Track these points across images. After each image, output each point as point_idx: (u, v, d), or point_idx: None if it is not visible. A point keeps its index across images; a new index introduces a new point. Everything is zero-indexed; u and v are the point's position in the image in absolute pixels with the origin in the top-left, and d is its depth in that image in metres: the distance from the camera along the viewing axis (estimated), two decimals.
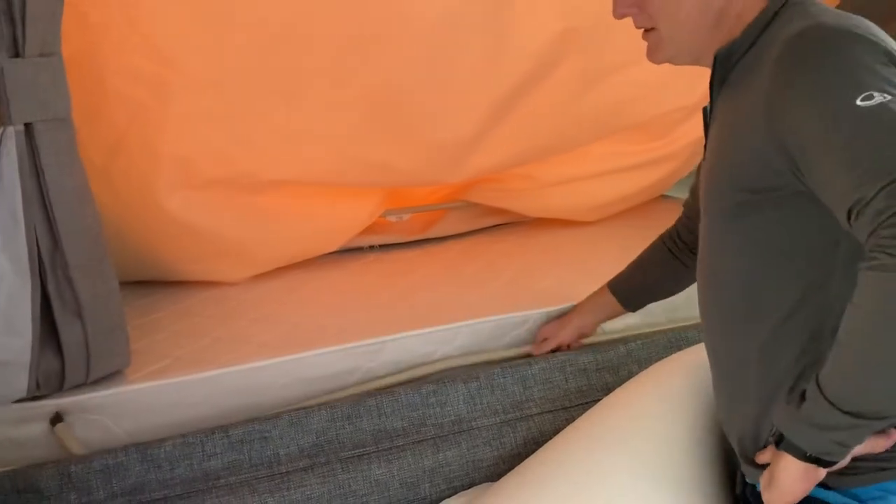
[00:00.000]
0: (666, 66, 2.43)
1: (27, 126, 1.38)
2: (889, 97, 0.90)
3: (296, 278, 2.32)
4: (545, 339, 1.78)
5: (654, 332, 1.85)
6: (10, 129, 1.35)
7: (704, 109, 1.22)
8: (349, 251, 2.55)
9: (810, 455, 0.98)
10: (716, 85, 1.15)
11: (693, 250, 1.43)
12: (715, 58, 1.13)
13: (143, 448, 1.47)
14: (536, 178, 2.51)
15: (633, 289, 1.67)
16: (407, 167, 2.22)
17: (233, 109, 1.94)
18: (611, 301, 1.68)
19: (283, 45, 1.87)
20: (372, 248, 2.61)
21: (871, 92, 0.90)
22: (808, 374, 1.02)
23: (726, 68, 1.12)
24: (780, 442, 1.02)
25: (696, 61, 1.20)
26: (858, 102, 0.90)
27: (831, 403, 0.93)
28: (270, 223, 2.20)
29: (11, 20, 1.32)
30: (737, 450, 1.20)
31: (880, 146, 0.89)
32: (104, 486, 1.45)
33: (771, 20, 1.07)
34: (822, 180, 0.95)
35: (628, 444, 1.42)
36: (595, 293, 1.72)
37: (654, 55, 1.20)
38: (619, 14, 1.20)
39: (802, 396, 0.99)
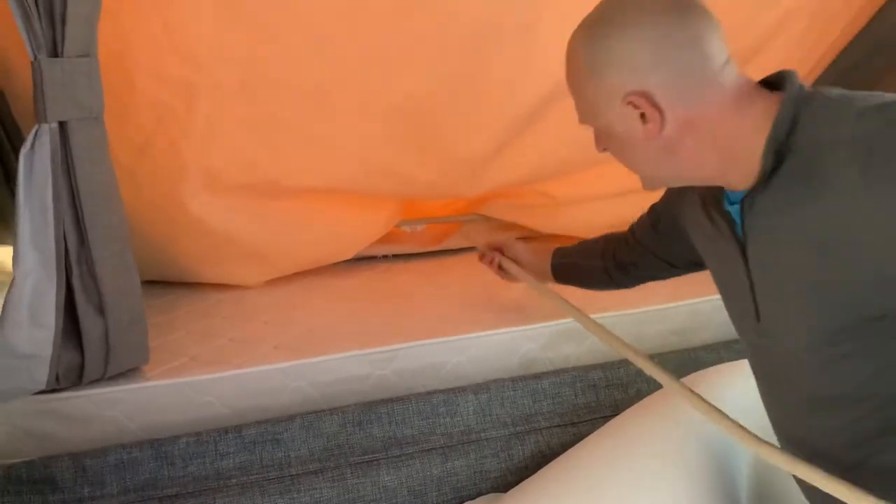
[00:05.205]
0: None
1: (61, 124, 1.41)
2: None
3: (310, 284, 2.35)
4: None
5: (666, 353, 1.86)
6: (45, 126, 1.39)
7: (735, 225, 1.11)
8: (362, 259, 2.58)
9: None
10: (746, 204, 1.05)
11: (620, 267, 1.59)
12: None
13: (157, 444, 1.50)
14: (552, 196, 2.53)
15: (565, 272, 1.77)
16: (427, 179, 2.25)
17: (259, 116, 1.97)
18: (546, 271, 1.80)
19: (313, 56, 1.90)
20: (385, 257, 2.63)
21: None
22: None
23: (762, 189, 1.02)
24: None
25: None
26: None
27: None
28: (289, 229, 2.22)
29: (52, 21, 1.35)
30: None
31: None
32: (117, 481, 1.47)
33: (790, 129, 0.97)
34: None
35: (639, 467, 1.41)
36: (542, 256, 1.82)
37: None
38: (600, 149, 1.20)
39: None
